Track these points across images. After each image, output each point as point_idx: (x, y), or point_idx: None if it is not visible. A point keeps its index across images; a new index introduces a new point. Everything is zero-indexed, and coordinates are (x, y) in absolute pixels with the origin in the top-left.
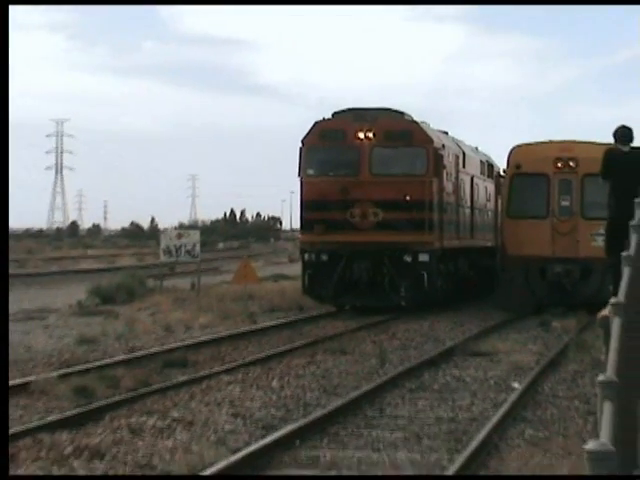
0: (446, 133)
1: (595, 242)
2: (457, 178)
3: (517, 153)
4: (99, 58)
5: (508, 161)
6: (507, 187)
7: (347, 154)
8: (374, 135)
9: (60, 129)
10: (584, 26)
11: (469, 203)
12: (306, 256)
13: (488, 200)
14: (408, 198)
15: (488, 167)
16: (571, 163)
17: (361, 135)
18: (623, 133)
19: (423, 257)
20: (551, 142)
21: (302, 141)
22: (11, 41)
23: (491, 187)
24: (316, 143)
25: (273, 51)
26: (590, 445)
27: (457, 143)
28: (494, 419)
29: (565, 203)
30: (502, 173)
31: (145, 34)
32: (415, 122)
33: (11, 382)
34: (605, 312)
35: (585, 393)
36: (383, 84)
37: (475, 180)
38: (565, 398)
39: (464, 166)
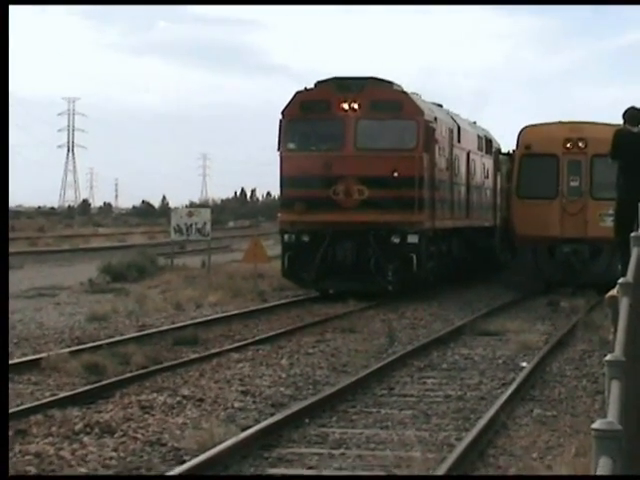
0: (440, 106)
1: (604, 222)
2: (451, 153)
3: (527, 134)
4: (112, 37)
5: (518, 142)
6: (517, 167)
7: (330, 127)
8: (359, 106)
9: (72, 107)
10: (593, 6)
11: (464, 180)
12: (286, 237)
13: (486, 177)
14: (396, 174)
15: (486, 142)
16: (580, 144)
17: (345, 106)
18: (632, 114)
19: (412, 238)
20: (561, 123)
21: (282, 113)
22: (25, 18)
23: (490, 163)
24: (297, 115)
25: (285, 31)
26: (597, 424)
27: (452, 116)
28: (502, 398)
29: (574, 184)
30: (503, 150)
31: (158, 13)
32: (404, 92)
33: (23, 358)
34: (613, 292)
35: (593, 372)
36: (397, 64)
37: (471, 156)
38: (573, 377)
39: (459, 141)
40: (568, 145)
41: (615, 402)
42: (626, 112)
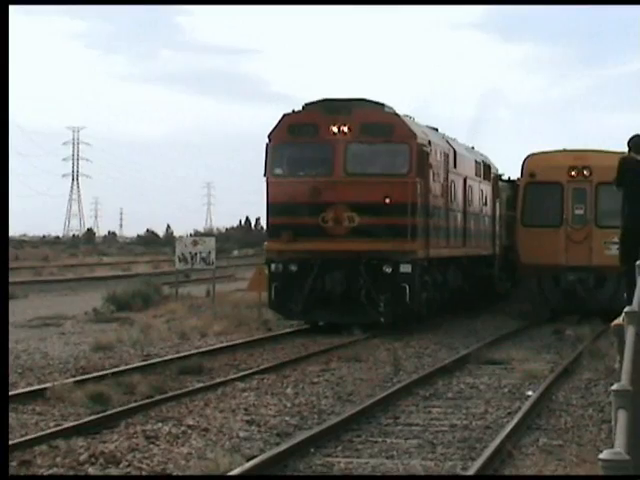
0: (436, 130)
1: (609, 250)
2: (447, 179)
3: (531, 162)
4: (116, 66)
5: (522, 170)
6: (521, 195)
7: (319, 151)
8: (349, 129)
9: (76, 137)
10: (598, 34)
11: (461, 207)
12: (273, 266)
13: (484, 204)
14: (388, 201)
15: (484, 168)
16: (585, 172)
17: (335, 129)
18: (637, 142)
19: (405, 268)
20: (565, 151)
21: (268, 136)
22: (29, 48)
23: (488, 190)
24: (284, 139)
25: (285, 60)
26: (605, 454)
27: (447, 140)
28: (508, 427)
29: (579, 212)
30: (506, 177)
31: (161, 42)
32: (396, 115)
33: (27, 388)
34: (619, 320)
35: (599, 401)
36: (398, 91)
37: (469, 182)
38: (579, 406)
39: (455, 166)
40: (573, 173)
41: (622, 432)
42: (631, 140)
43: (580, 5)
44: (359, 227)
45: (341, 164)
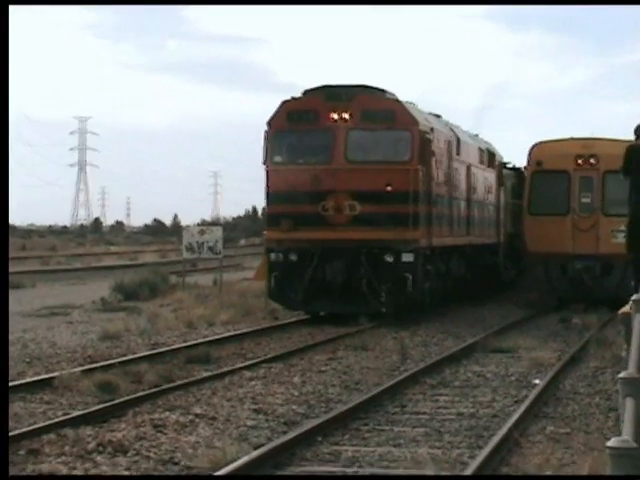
0: (439, 116)
1: (616, 239)
2: (450, 166)
3: (538, 150)
4: (123, 56)
5: (529, 158)
6: (528, 184)
7: (319, 138)
8: (350, 116)
9: (83, 126)
10: (604, 24)
11: (465, 195)
12: (272, 256)
13: (489, 192)
14: (389, 189)
15: (488, 155)
16: (592, 160)
17: (335, 116)
18: None
19: (407, 257)
20: (572, 139)
21: (268, 123)
22: (36, 39)
23: (492, 178)
24: (284, 126)
25: (291, 49)
26: (612, 442)
27: (451, 127)
28: (515, 415)
29: (586, 200)
30: (509, 165)
31: (168, 32)
32: (398, 101)
33: (35, 377)
34: (626, 309)
35: (606, 389)
36: (405, 81)
37: (472, 169)
38: (586, 394)
39: (458, 153)
40: (579, 161)
41: (630, 420)
42: (638, 128)
43: (582, 5)
44: (360, 215)
45: (342, 151)
